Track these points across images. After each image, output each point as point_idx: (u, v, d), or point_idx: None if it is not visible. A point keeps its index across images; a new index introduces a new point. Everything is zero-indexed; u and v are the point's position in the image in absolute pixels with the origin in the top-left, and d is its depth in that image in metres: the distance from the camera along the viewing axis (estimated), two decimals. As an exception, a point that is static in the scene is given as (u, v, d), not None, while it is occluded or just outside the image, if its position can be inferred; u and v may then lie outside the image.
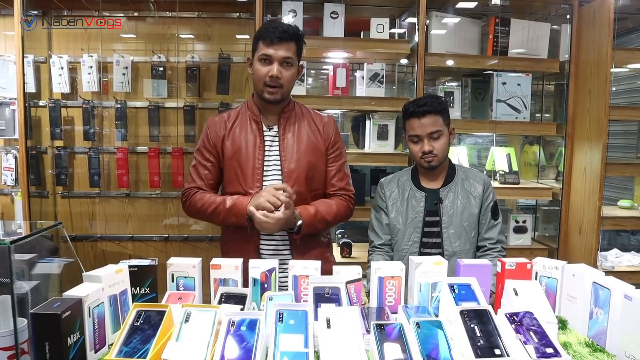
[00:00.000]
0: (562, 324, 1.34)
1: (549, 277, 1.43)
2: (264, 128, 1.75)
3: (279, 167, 1.73)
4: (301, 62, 1.79)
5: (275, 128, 1.76)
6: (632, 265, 2.83)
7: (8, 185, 2.94)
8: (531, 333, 1.10)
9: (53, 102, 2.91)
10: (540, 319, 1.14)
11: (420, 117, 1.79)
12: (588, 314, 1.28)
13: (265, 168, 1.72)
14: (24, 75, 2.71)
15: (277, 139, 1.75)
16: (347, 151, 2.84)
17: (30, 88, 2.85)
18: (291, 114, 1.78)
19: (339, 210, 1.77)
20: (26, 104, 2.76)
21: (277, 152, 1.74)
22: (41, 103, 2.94)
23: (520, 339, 1.08)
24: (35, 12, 2.87)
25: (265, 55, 1.65)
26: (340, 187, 1.81)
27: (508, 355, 1.03)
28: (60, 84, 2.89)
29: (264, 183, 1.71)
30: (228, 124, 1.76)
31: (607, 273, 1.30)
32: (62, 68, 2.87)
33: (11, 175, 2.91)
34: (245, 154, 1.72)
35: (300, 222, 1.66)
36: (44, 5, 2.87)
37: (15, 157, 2.90)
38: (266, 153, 1.73)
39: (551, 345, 1.06)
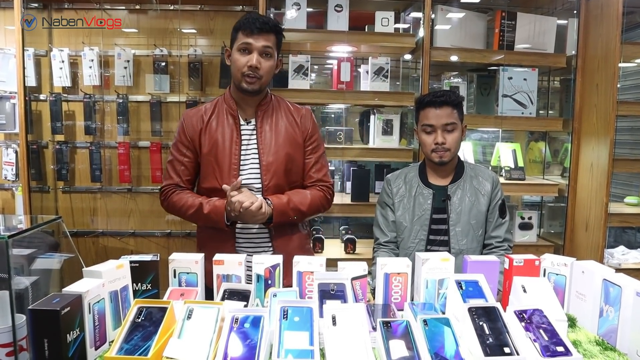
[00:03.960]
0: (571, 322, 1.32)
1: (557, 274, 1.40)
2: (242, 122, 1.73)
3: (257, 161, 1.71)
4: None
5: (253, 122, 1.74)
6: (639, 262, 2.80)
7: (9, 180, 2.92)
8: (541, 331, 1.07)
9: (54, 96, 2.89)
10: (549, 316, 1.12)
11: (437, 107, 1.76)
12: (598, 311, 1.26)
13: (242, 162, 1.71)
14: (24, 68, 2.69)
15: (255, 132, 1.72)
16: (352, 146, 2.86)
17: (31, 82, 2.83)
18: (269, 106, 1.76)
19: (313, 200, 1.74)
20: (27, 98, 2.74)
21: (255, 146, 1.72)
22: (42, 97, 2.92)
23: (529, 337, 1.06)
24: (36, 5, 2.84)
25: (245, 44, 1.63)
26: (318, 179, 1.78)
27: (518, 354, 1.01)
28: (61, 78, 2.87)
29: (240, 177, 1.69)
30: (205, 118, 1.73)
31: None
32: (62, 61, 2.85)
33: (12, 170, 2.89)
34: (222, 148, 1.70)
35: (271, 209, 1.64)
36: (44, -3, 2.85)
37: (16, 152, 2.88)
38: (243, 147, 1.71)
39: (562, 343, 1.04)
